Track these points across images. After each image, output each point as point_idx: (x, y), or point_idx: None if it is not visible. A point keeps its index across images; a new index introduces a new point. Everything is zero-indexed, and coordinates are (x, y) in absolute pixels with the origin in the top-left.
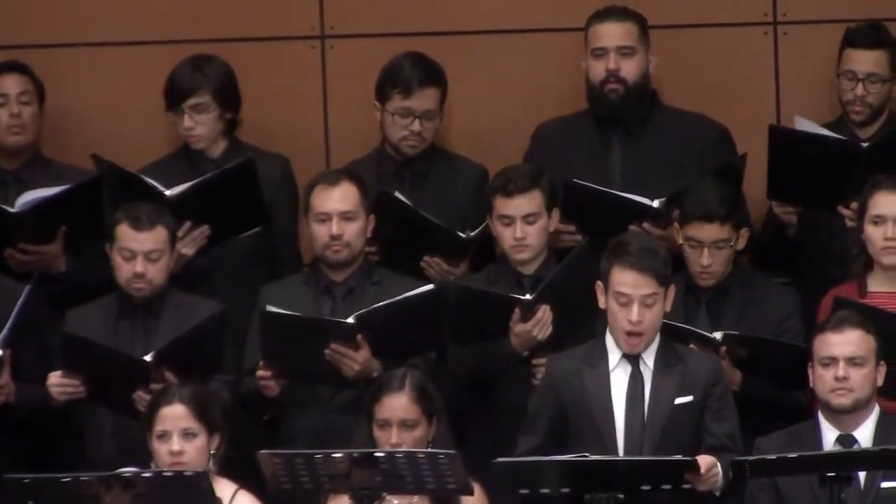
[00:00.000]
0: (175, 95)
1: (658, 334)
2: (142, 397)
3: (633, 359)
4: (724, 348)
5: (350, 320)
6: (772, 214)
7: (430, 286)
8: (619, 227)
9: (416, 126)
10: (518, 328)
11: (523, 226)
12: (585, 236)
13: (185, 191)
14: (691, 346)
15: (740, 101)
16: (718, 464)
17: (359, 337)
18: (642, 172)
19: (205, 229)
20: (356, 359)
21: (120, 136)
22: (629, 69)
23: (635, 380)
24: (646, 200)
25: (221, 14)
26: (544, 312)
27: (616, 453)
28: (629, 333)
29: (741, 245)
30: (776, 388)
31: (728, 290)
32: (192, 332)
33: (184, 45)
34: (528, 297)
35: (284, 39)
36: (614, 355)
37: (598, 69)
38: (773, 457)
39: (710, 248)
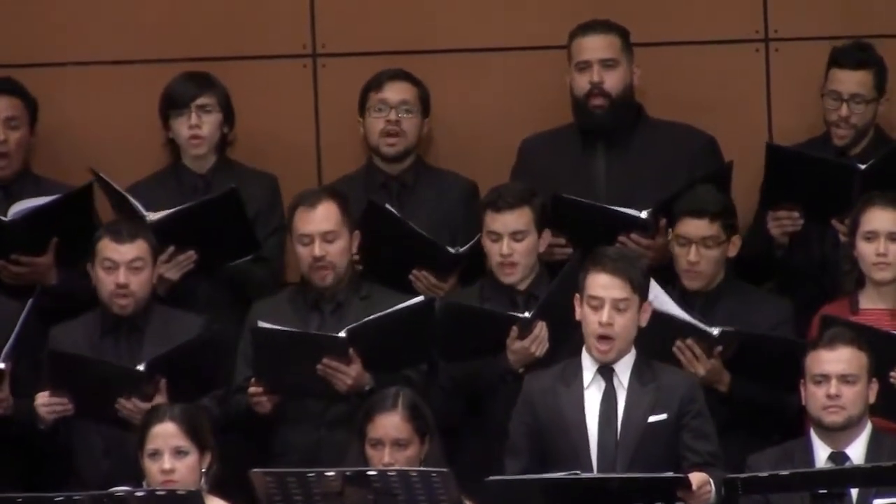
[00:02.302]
0: (181, 97)
1: (633, 350)
2: (125, 406)
3: (607, 376)
4: (719, 348)
5: (341, 334)
6: (761, 227)
7: (421, 297)
8: (607, 238)
9: (392, 115)
10: (516, 346)
11: (510, 242)
12: (576, 250)
13: (166, 217)
14: (688, 341)
15: (731, 119)
16: (711, 481)
17: (350, 351)
18: (628, 183)
19: (191, 254)
20: (348, 373)
21: (110, 154)
22: (613, 81)
23: (609, 397)
24: (633, 212)
25: (213, 32)
26: (541, 329)
27: (590, 471)
28: (599, 337)
29: (732, 252)
30: (764, 391)
31: (720, 297)
32: (188, 346)
33: (175, 64)
34: (525, 315)
35: (276, 58)
36: (589, 372)
37: (581, 82)
38: (766, 474)
39: (698, 244)
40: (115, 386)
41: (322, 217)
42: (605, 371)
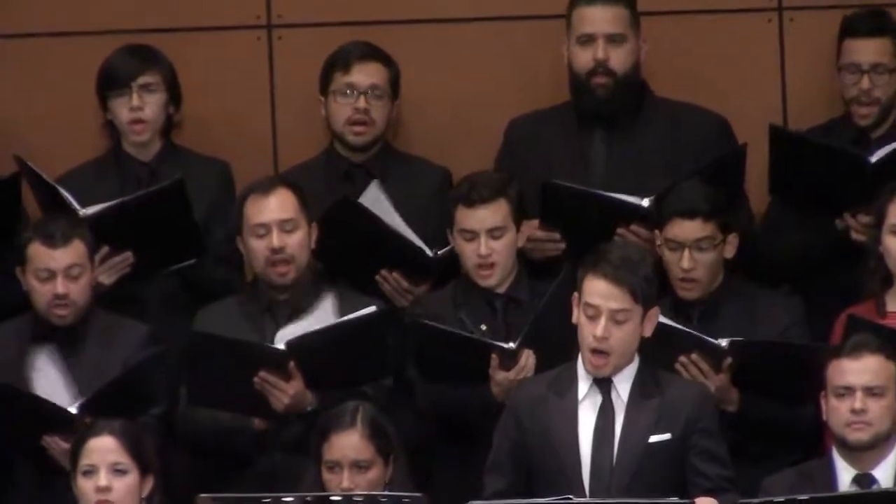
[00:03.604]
0: (120, 75)
1: (636, 361)
2: (48, 444)
3: (604, 388)
4: (728, 360)
5: (280, 346)
6: (777, 216)
7: (371, 308)
8: (605, 230)
9: (361, 102)
10: (499, 377)
11: (488, 241)
12: (568, 259)
13: (102, 211)
14: (693, 355)
15: (742, 95)
16: None
17: (290, 365)
18: (629, 169)
19: (127, 256)
20: (286, 390)
21: (39, 140)
22: (619, 59)
23: (605, 412)
24: (633, 199)
25: (156, 1)
26: (527, 358)
27: (582, 495)
28: (593, 351)
29: (730, 252)
30: (779, 407)
31: (720, 305)
32: (124, 378)
33: (115, 36)
34: (510, 345)
35: (227, 29)
36: (584, 383)
37: (583, 58)
38: (782, 499)
39: (691, 248)
40: (43, 423)
41: (278, 205)
42: (603, 383)
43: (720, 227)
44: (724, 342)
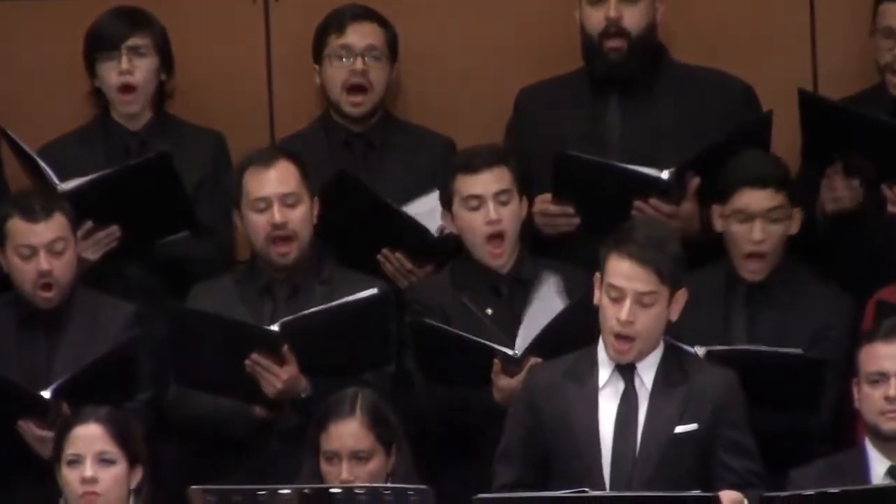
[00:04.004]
0: (109, 36)
1: (661, 346)
2: (24, 432)
3: (627, 375)
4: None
5: (274, 328)
6: (805, 189)
7: (373, 290)
8: (622, 204)
9: (359, 64)
10: (502, 382)
11: (497, 207)
12: (582, 226)
13: (82, 185)
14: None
15: (768, 61)
16: (745, 501)
17: (284, 348)
18: (647, 139)
19: (113, 230)
20: (279, 375)
21: (22, 107)
22: (633, 18)
23: (628, 401)
24: (652, 171)
25: None
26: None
27: (602, 487)
28: (617, 336)
29: (794, 228)
30: (781, 417)
31: (771, 289)
32: (103, 361)
33: (103, 0)
34: (514, 353)
35: None
36: (605, 369)
37: (595, 19)
38: (811, 492)
39: (762, 219)
40: (16, 408)
41: (280, 178)
42: (625, 369)
43: (789, 198)
44: (700, 350)
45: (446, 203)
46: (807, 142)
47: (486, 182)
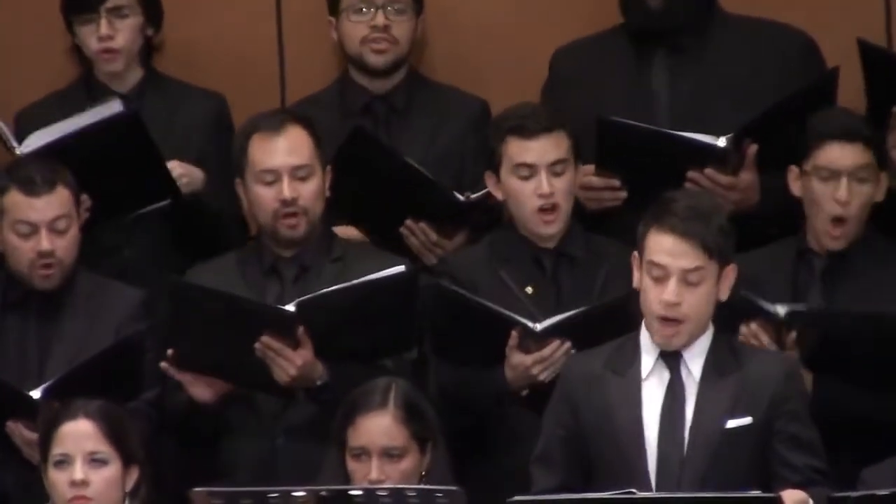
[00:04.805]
0: None
1: (710, 330)
2: (12, 433)
3: (672, 363)
4: (791, 334)
5: (290, 308)
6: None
7: (399, 268)
8: (674, 175)
9: (381, 18)
10: (515, 358)
11: (550, 178)
12: (629, 200)
13: (41, 148)
14: (752, 325)
15: (832, 9)
16: (810, 501)
17: (300, 331)
18: (698, 101)
19: (83, 200)
20: (293, 360)
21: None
22: None
23: (674, 392)
24: (707, 138)
25: None
26: (554, 351)
27: (648, 488)
28: (663, 319)
29: (880, 195)
30: (867, 397)
31: (849, 260)
32: (100, 358)
33: None
34: (535, 326)
35: None
36: (649, 357)
37: None
38: (886, 492)
39: (849, 179)
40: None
41: (290, 147)
42: (671, 357)
43: (877, 158)
44: (781, 309)
45: (494, 166)
46: (873, 100)
47: (542, 150)
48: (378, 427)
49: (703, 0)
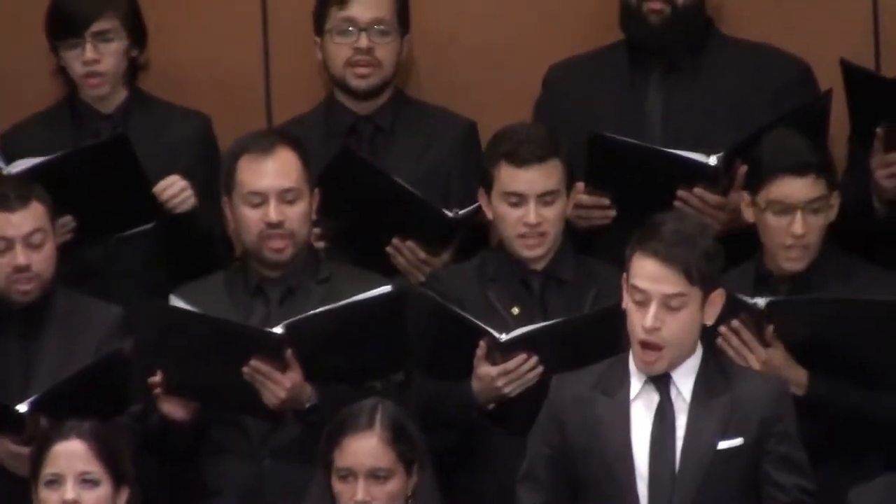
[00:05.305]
0: (72, 22)
1: (699, 351)
2: (3, 446)
3: (661, 385)
4: (769, 328)
5: (278, 330)
6: (857, 173)
7: (386, 288)
8: (664, 194)
9: (364, 41)
10: (482, 369)
11: (539, 208)
12: (619, 219)
13: (29, 170)
14: (734, 322)
15: (824, 33)
16: None
17: (288, 353)
18: (692, 120)
19: (66, 221)
20: (282, 383)
21: None
22: None
23: (663, 414)
24: (698, 157)
25: None
26: (519, 365)
27: None
28: (643, 344)
29: (833, 215)
30: (863, 392)
31: (814, 279)
32: (87, 374)
33: None
34: (502, 336)
35: None
36: (637, 380)
37: None
38: None
39: (803, 211)
40: None
41: (279, 169)
42: (659, 380)
43: (829, 184)
44: (760, 301)
45: (485, 183)
46: (856, 121)
47: (533, 181)
48: (364, 448)
49: (701, 21)
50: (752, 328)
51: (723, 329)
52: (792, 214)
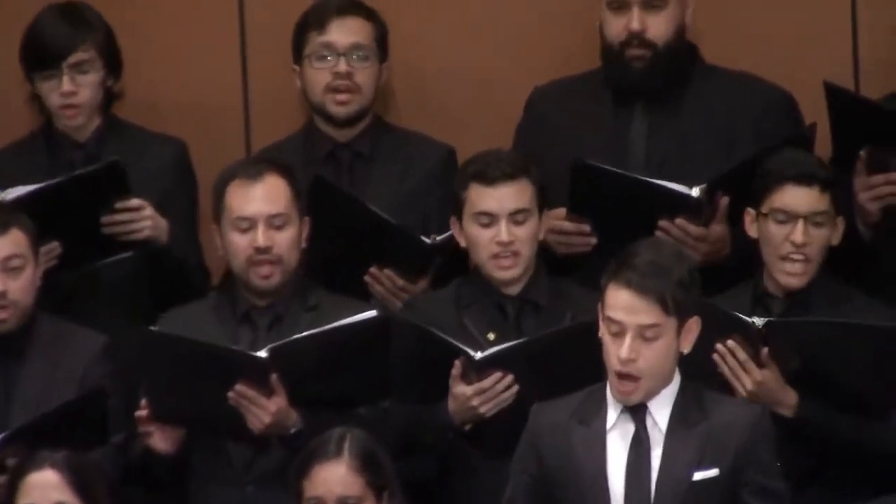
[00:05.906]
0: (48, 55)
1: (677, 380)
2: None
3: (637, 415)
4: (765, 350)
5: (262, 354)
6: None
7: (371, 313)
8: (646, 223)
9: (343, 65)
10: (457, 388)
11: (510, 227)
12: (599, 246)
13: (23, 197)
14: (729, 342)
15: (808, 61)
16: None
17: (273, 377)
18: (675, 150)
19: (54, 247)
20: (267, 407)
21: None
22: (659, 27)
23: (639, 444)
24: (681, 188)
25: None
26: (494, 384)
27: None
28: (619, 375)
29: (836, 238)
30: (852, 419)
31: (808, 302)
32: (60, 411)
33: None
34: (476, 354)
35: None
36: (613, 410)
37: (616, 27)
38: None
39: (806, 221)
40: None
41: (268, 195)
42: (636, 409)
43: (833, 201)
44: (758, 321)
45: (456, 209)
46: (838, 143)
47: (503, 198)
48: (333, 476)
49: (683, 54)
50: (748, 348)
51: (718, 347)
52: (794, 223)
